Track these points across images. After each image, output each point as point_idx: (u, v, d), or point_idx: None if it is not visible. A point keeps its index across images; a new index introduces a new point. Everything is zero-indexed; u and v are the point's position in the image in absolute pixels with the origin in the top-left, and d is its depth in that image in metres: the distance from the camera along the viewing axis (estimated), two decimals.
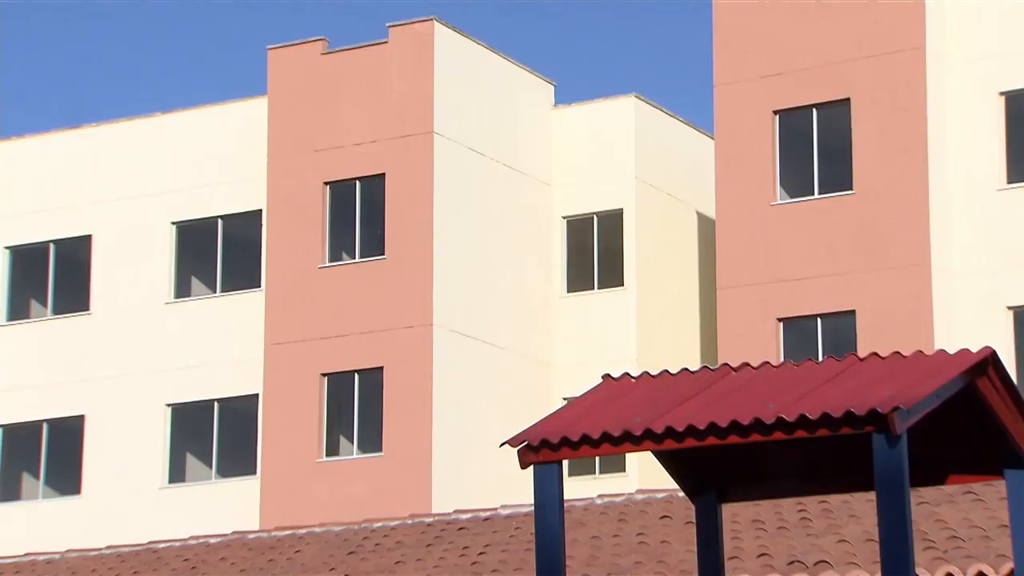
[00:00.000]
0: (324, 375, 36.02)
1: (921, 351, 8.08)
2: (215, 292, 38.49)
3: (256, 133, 37.83)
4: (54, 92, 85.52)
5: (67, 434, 38.94)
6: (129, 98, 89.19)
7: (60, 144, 40.49)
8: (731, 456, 8.69)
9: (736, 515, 16.34)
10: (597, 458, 33.78)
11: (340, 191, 36.88)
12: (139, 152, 39.32)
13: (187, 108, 39.45)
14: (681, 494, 14.49)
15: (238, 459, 37.38)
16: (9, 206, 40.25)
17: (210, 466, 37.79)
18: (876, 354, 8.08)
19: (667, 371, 8.51)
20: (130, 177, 39.20)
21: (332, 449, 36.05)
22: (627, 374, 8.64)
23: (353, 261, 36.62)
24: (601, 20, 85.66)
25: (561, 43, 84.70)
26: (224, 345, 37.43)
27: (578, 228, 38.79)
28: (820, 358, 8.24)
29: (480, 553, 17.24)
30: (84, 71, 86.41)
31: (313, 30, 41.76)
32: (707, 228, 37.91)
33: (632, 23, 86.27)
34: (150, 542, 22.34)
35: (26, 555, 23.01)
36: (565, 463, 8.19)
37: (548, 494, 7.92)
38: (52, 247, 39.95)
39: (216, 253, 38.57)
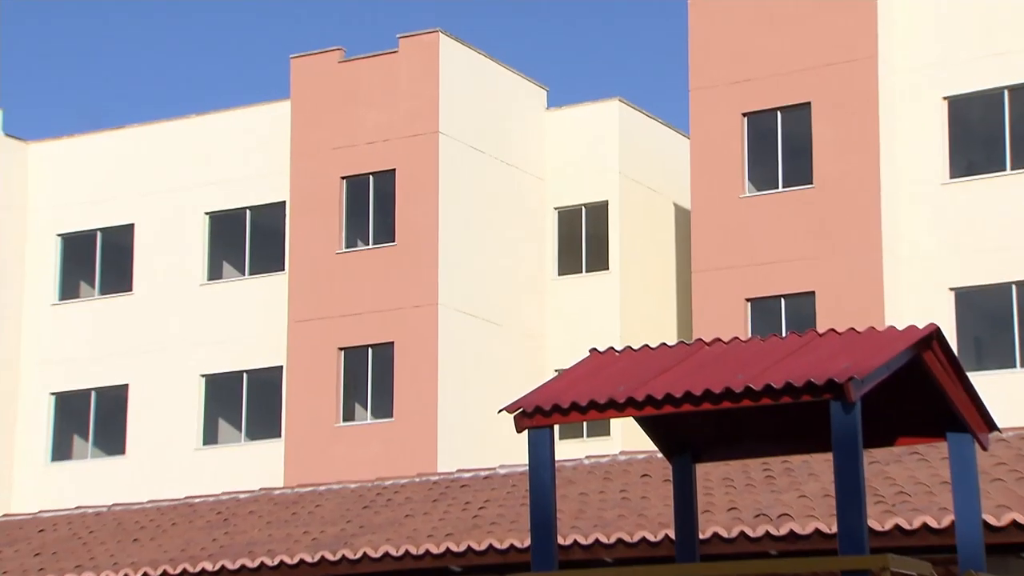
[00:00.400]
0: (341, 349, 35.99)
1: (873, 328, 8.27)
2: (244, 275, 38.43)
3: (280, 133, 37.75)
4: (99, 95, 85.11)
5: (112, 401, 38.91)
6: (166, 101, 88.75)
7: (106, 142, 40.42)
8: (704, 421, 8.86)
9: (708, 474, 16.37)
10: (585, 423, 33.76)
11: (355, 185, 36.82)
12: (177, 149, 39.22)
13: (219, 111, 39.33)
14: (659, 455, 14.37)
15: (264, 424, 37.37)
16: (61, 198, 40.18)
17: (240, 430, 37.79)
18: (833, 330, 8.28)
19: (647, 346, 8.70)
20: (169, 172, 39.07)
21: (348, 415, 36.04)
22: (611, 348, 8.82)
23: (367, 247, 36.58)
24: (589, 31, 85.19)
25: (553, 52, 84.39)
26: (252, 322, 37.42)
27: (568, 218, 38.75)
28: (783, 334, 8.31)
29: (480, 508, 17.32)
30: (125, 77, 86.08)
31: (330, 41, 41.83)
32: (683, 218, 37.84)
33: (617, 34, 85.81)
34: (186, 497, 22.37)
35: (77, 508, 23.03)
36: (556, 428, 8.28)
37: (541, 455, 8.12)
38: (99, 234, 39.87)
39: (245, 240, 38.53)
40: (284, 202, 37.67)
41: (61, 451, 39.50)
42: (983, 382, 22.80)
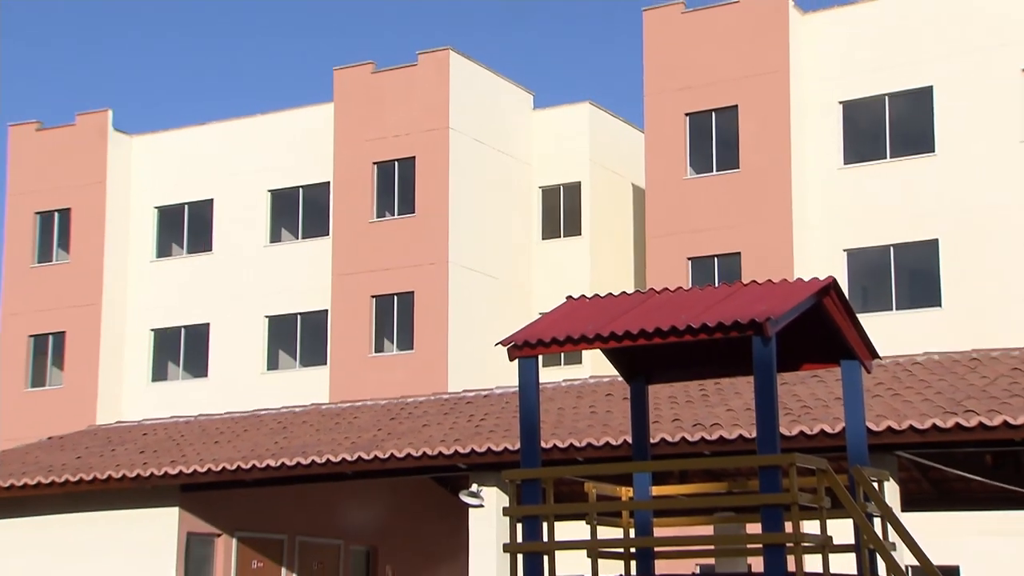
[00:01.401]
0: (373, 296, 35.90)
1: (785, 280, 8.31)
2: (297, 238, 38.41)
3: (326, 128, 37.56)
4: (176, 96, 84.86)
5: (197, 336, 38.85)
6: (234, 101, 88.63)
7: (191, 135, 40.35)
8: (655, 352, 8.90)
9: (657, 393, 16.48)
10: (562, 354, 33.86)
11: (384, 169, 36.65)
12: (246, 141, 39.15)
13: (277, 111, 39.23)
14: (620, 379, 14.61)
15: (314, 354, 37.31)
16: (157, 178, 40.15)
17: (295, 358, 37.71)
18: (755, 282, 8.32)
19: (611, 293, 8.74)
20: (239, 158, 38.98)
21: (378, 348, 35.98)
22: (583, 296, 8.86)
23: (392, 217, 36.44)
24: (567, 48, 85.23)
25: (538, 65, 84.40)
26: (304, 275, 37.36)
27: (549, 195, 38.61)
28: (716, 285, 8.29)
29: (481, 419, 17.46)
30: (199, 83, 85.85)
31: (364, 56, 41.43)
32: (639, 196, 37.81)
33: (588, 51, 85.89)
34: (253, 410, 22.52)
35: (171, 417, 23.16)
36: (540, 358, 8.34)
37: (528, 379, 8.19)
38: (186, 208, 39.85)
39: (298, 211, 38.42)
40: (328, 182, 37.50)
41: (158, 374, 39.48)
42: (868, 321, 22.87)
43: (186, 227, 39.84)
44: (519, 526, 8.05)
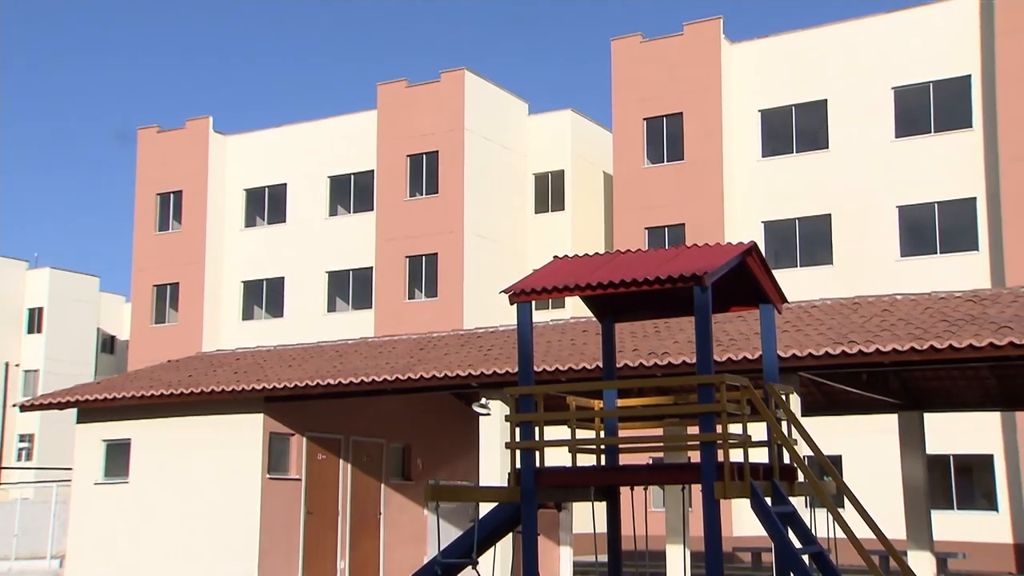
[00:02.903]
0: (407, 257, 35.86)
1: (719, 243, 8.23)
2: (350, 213, 38.16)
3: (370, 129, 37.47)
4: (238, 103, 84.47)
5: (276, 286, 38.85)
6: (290, 109, 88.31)
7: (269, 137, 40.15)
8: (621, 297, 8.87)
9: (622, 329, 16.42)
10: (550, 300, 33.90)
11: (415, 160, 36.50)
12: (311, 142, 38.96)
13: (334, 116, 39.01)
14: (594, 319, 14.85)
15: (362, 300, 37.30)
16: (246, 169, 39.95)
17: (348, 303, 37.77)
18: (696, 245, 8.25)
19: (587, 254, 8.68)
20: (308, 156, 38.91)
21: (411, 295, 35.97)
22: (566, 255, 8.80)
23: (421, 197, 36.30)
24: (555, 68, 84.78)
25: (532, 78, 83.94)
26: (355, 240, 37.33)
27: (540, 179, 38.44)
28: (666, 247, 8.28)
29: (488, 349, 17.36)
30: (262, 94, 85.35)
31: (399, 74, 40.97)
32: (609, 181, 37.80)
33: (570, 70, 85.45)
34: (317, 342, 22.23)
35: (255, 347, 22.95)
36: (533, 303, 8.30)
37: (524, 319, 8.14)
38: (266, 190, 39.66)
39: (350, 192, 38.32)
40: (373, 170, 37.32)
41: (247, 315, 39.46)
42: (779, 275, 22.97)
43: (266, 204, 39.72)
44: (517, 429, 8.03)
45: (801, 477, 7.89)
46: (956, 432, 26.44)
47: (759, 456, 8.43)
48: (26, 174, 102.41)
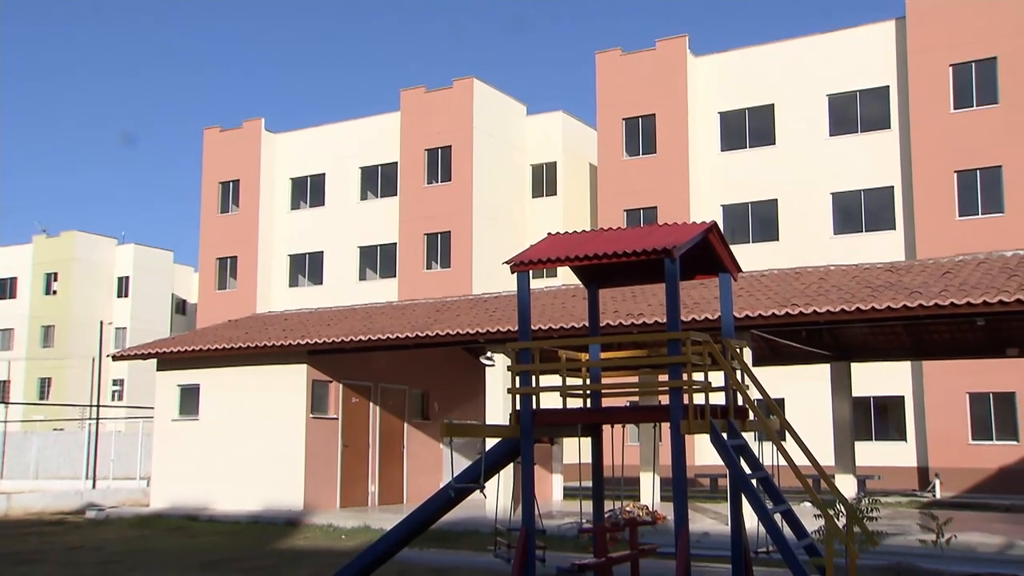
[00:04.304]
0: (425, 234, 35.66)
1: (685, 222, 8.11)
2: (378, 197, 37.81)
3: (394, 128, 37.11)
4: (280, 105, 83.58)
5: (316, 259, 38.74)
6: (322, 112, 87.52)
7: (303, 137, 39.83)
8: (605, 267, 8.79)
9: (605, 294, 16.36)
10: (545, 269, 33.80)
11: (432, 153, 36.15)
12: (345, 137, 38.59)
13: (364, 117, 38.64)
14: (581, 285, 14.79)
15: (388, 270, 37.06)
16: (291, 163, 39.60)
17: (376, 273, 37.58)
18: (667, 224, 8.15)
19: (575, 231, 8.58)
20: (343, 152, 38.64)
21: (429, 265, 35.75)
22: (559, 232, 8.68)
23: (437, 184, 36.04)
24: (549, 75, 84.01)
25: (529, 84, 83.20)
26: (381, 221, 37.10)
27: (537, 170, 38.15)
28: (642, 225, 8.20)
29: (494, 311, 17.31)
30: (296, 99, 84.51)
31: (418, 81, 40.06)
32: (594, 170, 37.58)
33: (561, 77, 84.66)
34: (351, 305, 22.20)
35: (298, 309, 22.88)
36: (531, 272, 8.22)
37: (523, 285, 8.04)
38: (308, 180, 39.42)
39: (378, 180, 37.93)
40: (397, 162, 37.01)
41: (292, 282, 39.27)
42: (735, 249, 22.88)
43: (308, 191, 39.37)
44: (518, 378, 7.97)
45: (752, 416, 7.84)
46: (875, 378, 27.04)
47: (718, 399, 8.40)
48: (117, 166, 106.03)
